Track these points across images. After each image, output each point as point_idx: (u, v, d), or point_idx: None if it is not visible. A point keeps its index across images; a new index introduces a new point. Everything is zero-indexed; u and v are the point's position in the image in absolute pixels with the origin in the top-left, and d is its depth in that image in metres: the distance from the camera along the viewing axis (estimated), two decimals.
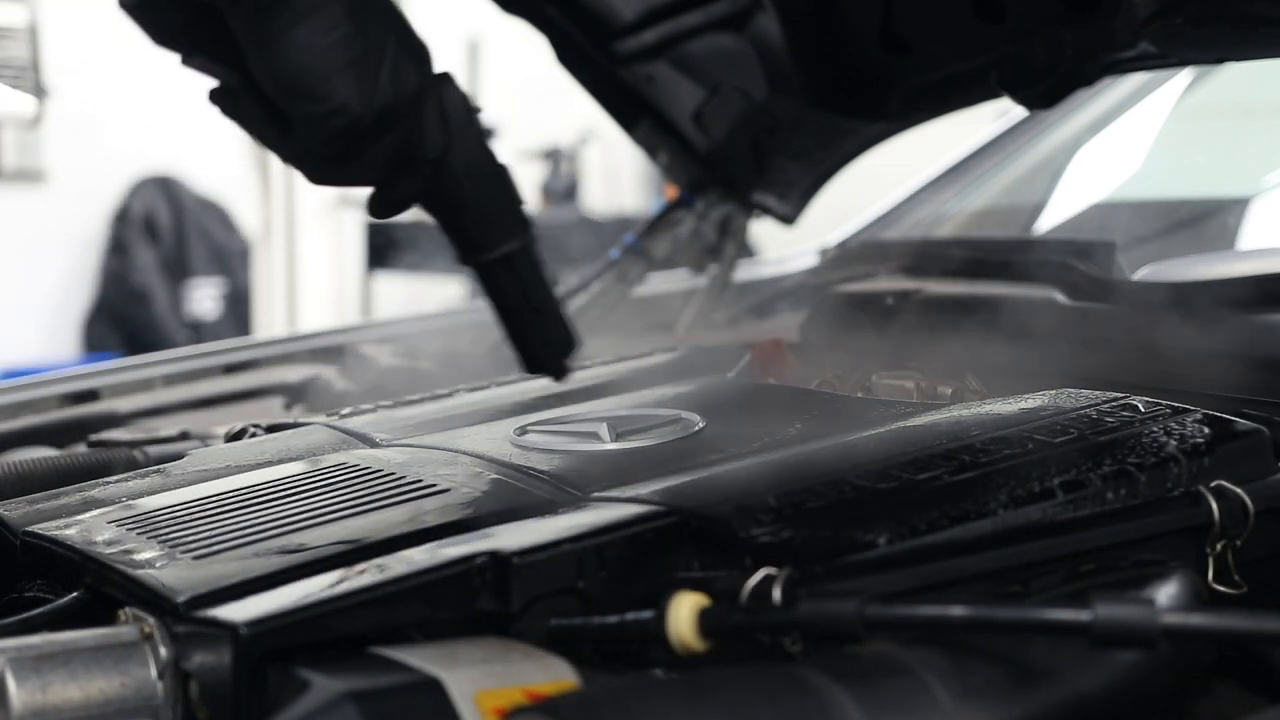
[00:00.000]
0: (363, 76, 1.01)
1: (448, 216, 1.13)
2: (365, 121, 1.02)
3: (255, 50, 1.01)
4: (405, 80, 1.03)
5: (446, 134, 1.08)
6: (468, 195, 1.11)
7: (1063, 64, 1.45)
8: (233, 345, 2.06)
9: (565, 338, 1.19)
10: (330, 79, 1.00)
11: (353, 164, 1.06)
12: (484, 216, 1.13)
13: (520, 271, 1.15)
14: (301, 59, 0.99)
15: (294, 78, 1.00)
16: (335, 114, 1.01)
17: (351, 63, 1.00)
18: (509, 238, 1.14)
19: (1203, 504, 1.01)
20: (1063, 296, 1.53)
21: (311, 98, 1.00)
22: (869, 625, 0.85)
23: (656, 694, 0.82)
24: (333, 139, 1.03)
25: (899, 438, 1.11)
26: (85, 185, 6.44)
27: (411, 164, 1.08)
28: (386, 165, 1.07)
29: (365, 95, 1.01)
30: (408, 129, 1.05)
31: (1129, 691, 0.88)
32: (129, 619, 0.91)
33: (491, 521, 1.00)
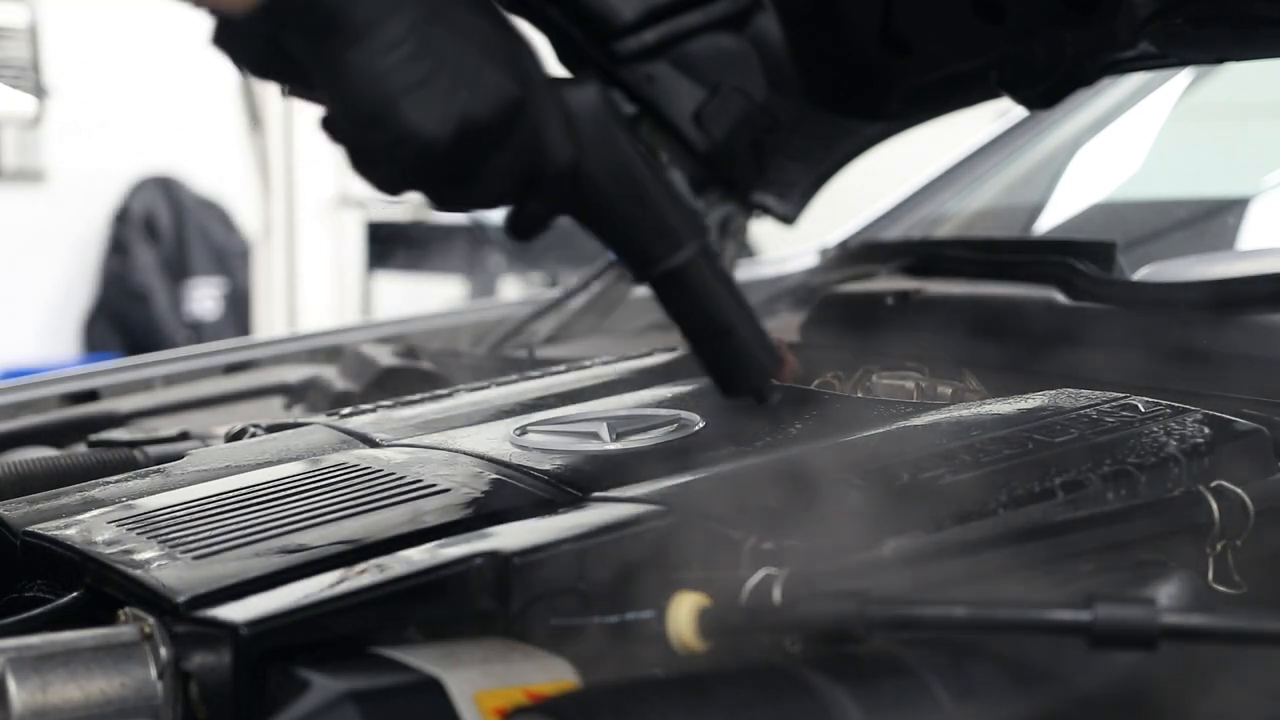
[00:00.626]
0: (430, 98, 0.92)
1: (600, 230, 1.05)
2: (441, 146, 0.93)
3: (320, 80, 0.94)
4: (495, 92, 0.94)
5: (575, 141, 0.98)
6: (618, 206, 1.02)
7: (1063, 64, 1.45)
8: (233, 345, 2.06)
9: (760, 356, 1.08)
10: (393, 104, 0.92)
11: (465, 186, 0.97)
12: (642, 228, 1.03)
13: (695, 287, 1.05)
14: (358, 85, 0.92)
15: (356, 106, 0.93)
16: (404, 141, 0.93)
17: (417, 84, 0.92)
18: (673, 250, 1.04)
19: (1203, 504, 1.01)
20: (1063, 296, 1.53)
21: (375, 124, 0.93)
22: (869, 625, 0.85)
23: (656, 694, 0.82)
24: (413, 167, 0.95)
25: (899, 438, 1.11)
26: (85, 185, 6.44)
27: (538, 180, 0.98)
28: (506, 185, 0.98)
29: (436, 118, 0.92)
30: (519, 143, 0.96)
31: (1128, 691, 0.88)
32: (129, 619, 0.91)
33: (491, 521, 1.00)
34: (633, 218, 1.03)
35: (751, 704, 0.82)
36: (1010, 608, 0.84)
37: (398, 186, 0.99)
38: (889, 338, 1.58)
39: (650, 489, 1.02)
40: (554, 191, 1.00)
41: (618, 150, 1.01)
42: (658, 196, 1.04)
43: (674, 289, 1.05)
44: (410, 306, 4.06)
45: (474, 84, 0.93)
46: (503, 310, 2.25)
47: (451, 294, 6.40)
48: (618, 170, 1.01)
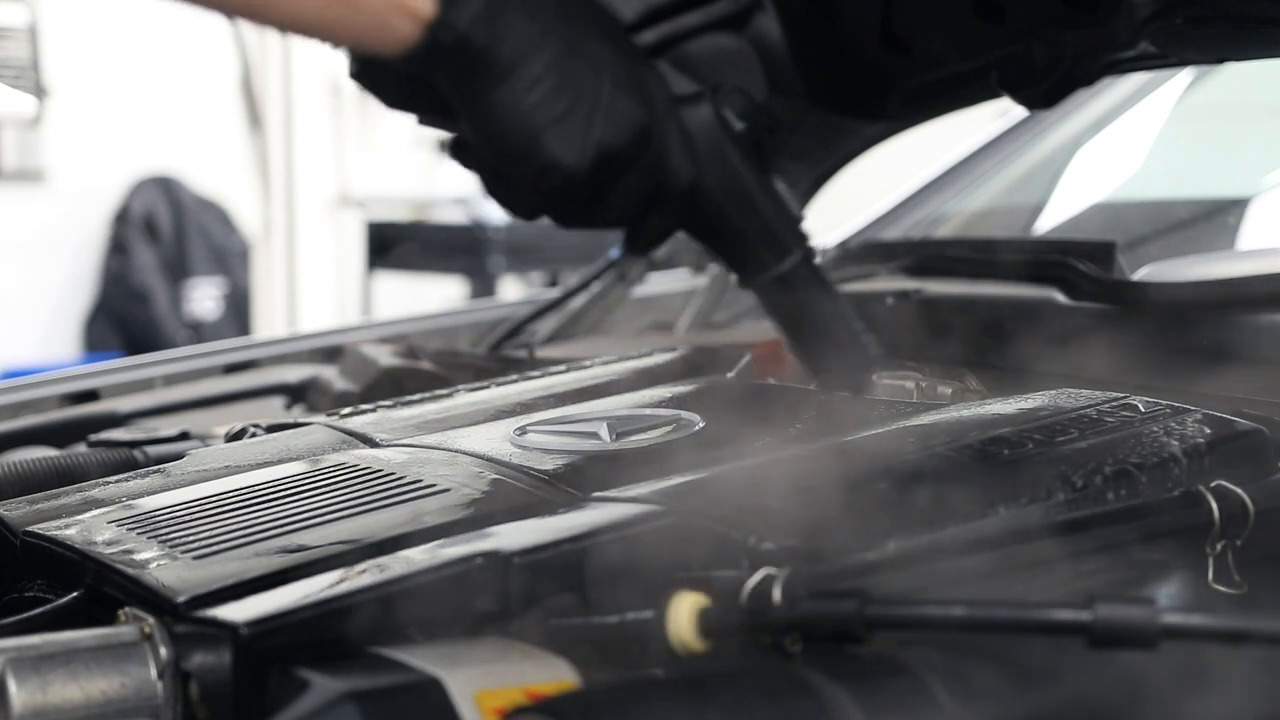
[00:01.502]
0: (570, 131, 0.97)
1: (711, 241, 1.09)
2: (582, 175, 0.98)
3: (463, 113, 0.99)
4: (626, 121, 0.99)
5: (694, 161, 1.03)
6: (730, 218, 1.06)
7: (1063, 64, 1.45)
8: (233, 345, 2.06)
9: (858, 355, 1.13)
10: (536, 137, 0.97)
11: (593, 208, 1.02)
12: (749, 239, 1.08)
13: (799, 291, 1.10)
14: (504, 120, 0.96)
15: (501, 140, 0.97)
16: (547, 172, 0.98)
17: (559, 118, 0.96)
18: (780, 258, 1.08)
19: (1203, 504, 1.01)
20: (1063, 296, 1.53)
21: (519, 158, 0.97)
22: (869, 625, 0.85)
23: (656, 694, 0.82)
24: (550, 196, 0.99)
25: (899, 438, 1.11)
26: (85, 185, 6.45)
27: (660, 198, 1.03)
28: (631, 205, 1.03)
29: (575, 149, 0.97)
30: (645, 167, 1.01)
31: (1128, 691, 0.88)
32: (129, 619, 0.91)
33: (491, 521, 1.00)
34: (743, 229, 1.07)
35: (751, 704, 0.82)
36: (1010, 608, 0.84)
37: (535, 212, 1.04)
38: (889, 338, 1.58)
39: (650, 489, 1.02)
40: (673, 208, 1.05)
41: (730, 166, 1.06)
42: (766, 208, 1.08)
43: (778, 293, 1.10)
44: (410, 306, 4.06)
45: (609, 114, 0.98)
46: (503, 310, 2.25)
47: (451, 294, 6.40)
48: (730, 185, 1.05)
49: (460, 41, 0.95)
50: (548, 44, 0.97)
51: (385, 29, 0.94)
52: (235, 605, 0.89)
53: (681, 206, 1.05)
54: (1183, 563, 1.00)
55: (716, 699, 0.82)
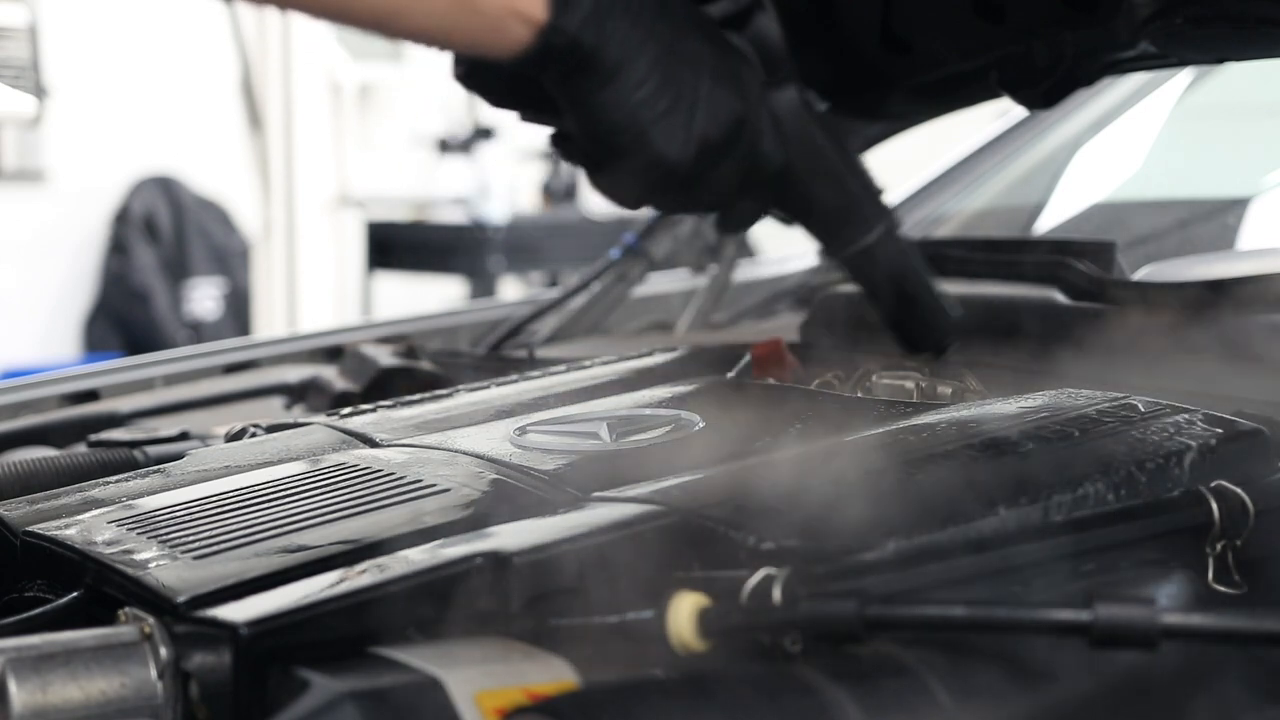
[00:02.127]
0: (674, 126, 1.02)
1: (801, 218, 1.13)
2: (685, 166, 1.03)
3: (570, 110, 1.03)
4: (725, 111, 1.04)
5: (783, 144, 1.07)
6: (817, 195, 1.10)
7: (1063, 64, 1.45)
8: (233, 345, 2.06)
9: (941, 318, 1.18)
10: (643, 134, 1.01)
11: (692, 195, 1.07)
12: (836, 214, 1.12)
13: (883, 262, 1.14)
14: (612, 118, 1.01)
15: (608, 136, 1.02)
16: (653, 166, 1.02)
17: (663, 114, 1.01)
18: (866, 231, 1.13)
19: (1203, 504, 1.01)
20: (1063, 296, 1.53)
21: (627, 153, 1.02)
22: (869, 625, 0.85)
23: (656, 694, 0.82)
24: (657, 187, 1.04)
25: (899, 438, 1.11)
26: (85, 185, 6.45)
27: (753, 182, 1.08)
28: (725, 190, 1.07)
29: (680, 142, 1.02)
30: (739, 155, 1.05)
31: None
32: (129, 619, 0.91)
33: (491, 521, 1.00)
34: (830, 205, 1.12)
35: (751, 704, 0.82)
36: (1010, 608, 0.84)
37: (638, 203, 1.11)
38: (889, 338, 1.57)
39: (650, 489, 1.02)
40: (762, 193, 1.10)
41: (816, 146, 1.10)
42: (851, 184, 1.12)
43: (865, 264, 1.14)
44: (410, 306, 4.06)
45: (709, 107, 1.03)
46: (503, 310, 2.25)
47: (451, 294, 6.40)
48: (817, 164, 1.10)
49: (571, 44, 0.99)
50: (650, 44, 1.01)
51: (501, 33, 0.99)
52: (235, 605, 0.89)
53: (772, 188, 1.09)
54: (1183, 563, 1.00)
55: (716, 699, 0.82)
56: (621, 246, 2.13)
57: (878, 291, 1.16)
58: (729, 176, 1.06)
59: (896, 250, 1.15)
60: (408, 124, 6.90)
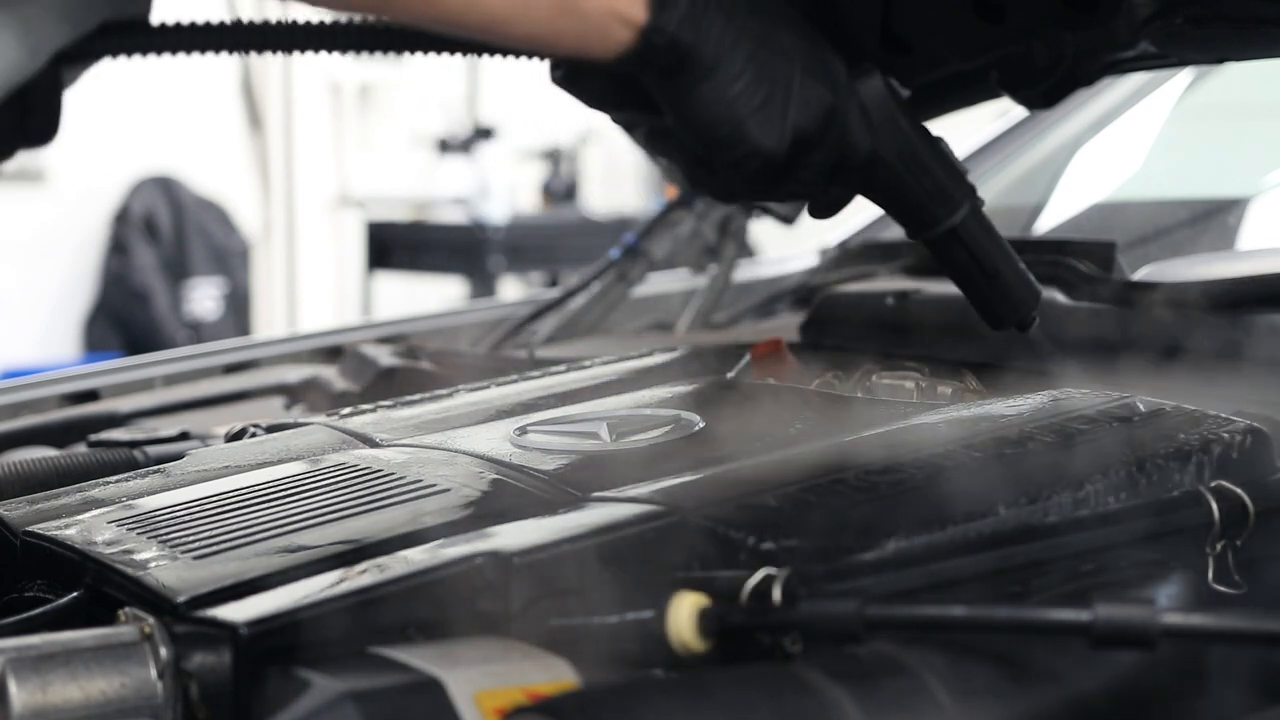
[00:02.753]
0: (770, 117, 1.05)
1: (887, 202, 1.16)
2: (780, 157, 1.06)
3: (669, 108, 1.06)
4: (817, 103, 1.07)
5: (871, 131, 1.11)
6: (903, 180, 1.13)
7: (1063, 64, 1.45)
8: (233, 345, 2.06)
9: (1024, 294, 1.19)
10: (741, 126, 1.04)
11: (785, 184, 1.10)
12: (922, 197, 1.15)
13: (968, 241, 1.16)
14: (710, 112, 1.04)
15: (706, 130, 1.05)
16: (750, 157, 1.05)
17: (759, 107, 1.04)
18: (951, 212, 1.15)
19: (1203, 504, 1.01)
20: (1063, 296, 1.53)
21: (725, 146, 1.05)
22: (869, 625, 0.85)
23: (656, 694, 0.82)
24: (753, 178, 1.08)
25: (899, 438, 1.11)
26: (85, 185, 6.45)
27: (844, 169, 1.11)
28: (820, 178, 1.11)
29: (775, 133, 1.05)
30: (830, 145, 1.09)
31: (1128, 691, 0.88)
32: (129, 619, 0.91)
33: (491, 521, 1.00)
34: (916, 189, 1.14)
35: (751, 704, 0.82)
36: (1010, 608, 0.84)
37: (734, 195, 1.15)
38: (889, 338, 1.58)
39: (650, 489, 1.02)
40: (852, 180, 1.13)
41: (902, 132, 1.13)
42: (935, 167, 1.15)
43: (951, 244, 1.17)
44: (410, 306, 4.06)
45: (802, 99, 1.07)
46: (503, 310, 2.25)
47: (451, 294, 6.40)
48: (903, 149, 1.13)
49: (670, 43, 1.02)
50: (744, 39, 1.05)
51: (604, 36, 1.02)
52: (235, 605, 0.89)
53: (861, 175, 1.13)
54: (1183, 563, 1.00)
55: (716, 699, 0.82)
56: (621, 246, 2.13)
57: (963, 269, 1.18)
58: (821, 165, 1.10)
59: (980, 228, 1.18)
60: (408, 124, 6.91)
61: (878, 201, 1.17)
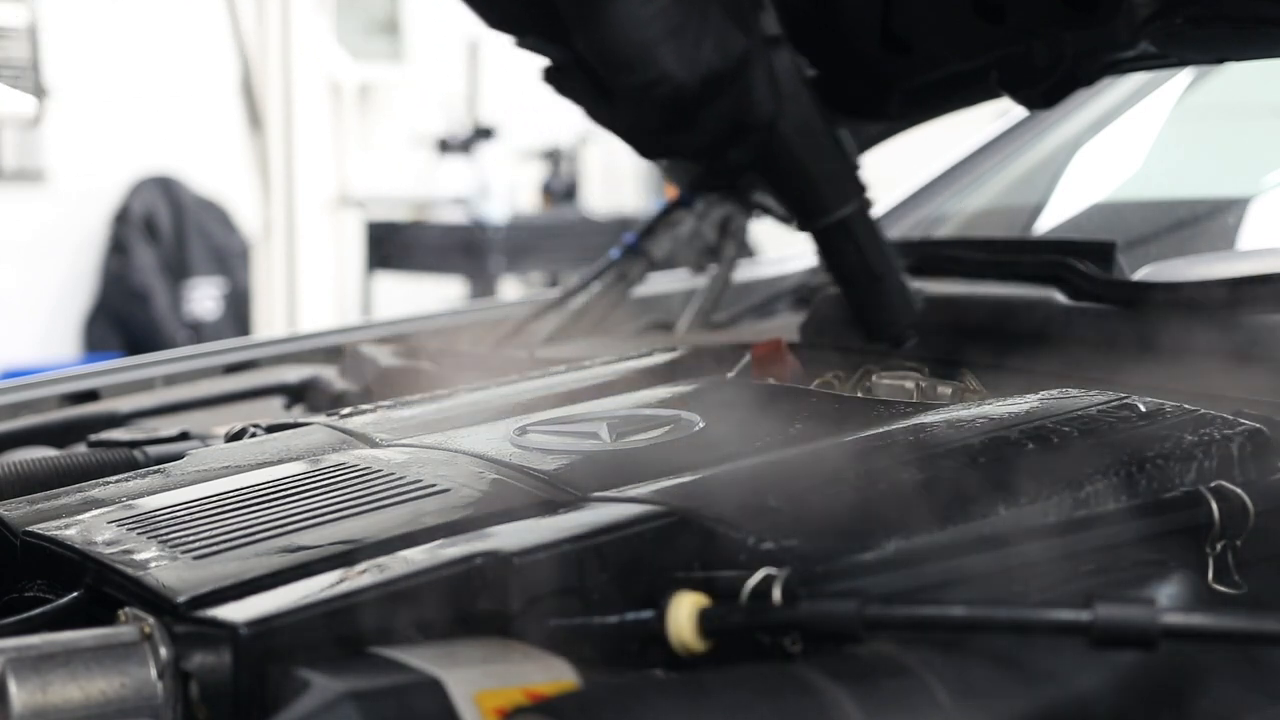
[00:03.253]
0: (684, 45, 1.01)
1: (781, 182, 1.14)
2: (690, 90, 1.02)
3: (579, 25, 1.02)
4: (730, 45, 1.03)
5: (777, 98, 1.08)
6: (800, 160, 1.11)
7: (1063, 64, 1.45)
8: (233, 345, 2.06)
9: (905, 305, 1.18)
10: (652, 49, 1.01)
11: (682, 134, 1.06)
12: (818, 181, 1.13)
13: (857, 236, 1.14)
14: (623, 31, 1.00)
15: (616, 50, 1.01)
16: (658, 83, 1.02)
17: (673, 31, 1.01)
18: (844, 202, 1.13)
19: (1203, 504, 1.01)
20: (1063, 296, 1.54)
21: (634, 69, 1.01)
22: (869, 625, 0.85)
23: (656, 694, 0.82)
24: (658, 109, 1.03)
25: (899, 438, 1.11)
26: (85, 185, 6.45)
27: (743, 131, 1.08)
28: (717, 133, 1.07)
29: (687, 63, 1.01)
30: (736, 95, 1.05)
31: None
32: (129, 619, 0.91)
33: (491, 521, 1.00)
34: (810, 172, 1.12)
35: (751, 704, 0.82)
36: (1010, 608, 0.84)
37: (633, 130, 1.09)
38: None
39: (650, 489, 1.02)
40: (751, 145, 1.10)
41: (806, 109, 1.11)
42: (831, 154, 1.13)
43: (837, 238, 1.15)
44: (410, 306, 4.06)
45: (719, 36, 1.03)
46: (503, 310, 2.25)
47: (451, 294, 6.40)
48: (804, 126, 1.11)
49: None
50: None
51: None
52: (235, 605, 0.89)
53: (759, 142, 1.10)
54: (1182, 563, 1.00)
55: (716, 699, 0.82)
56: (621, 246, 2.13)
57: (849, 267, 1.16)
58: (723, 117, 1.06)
59: (869, 229, 1.15)
60: (408, 124, 6.91)
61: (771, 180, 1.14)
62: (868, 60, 1.58)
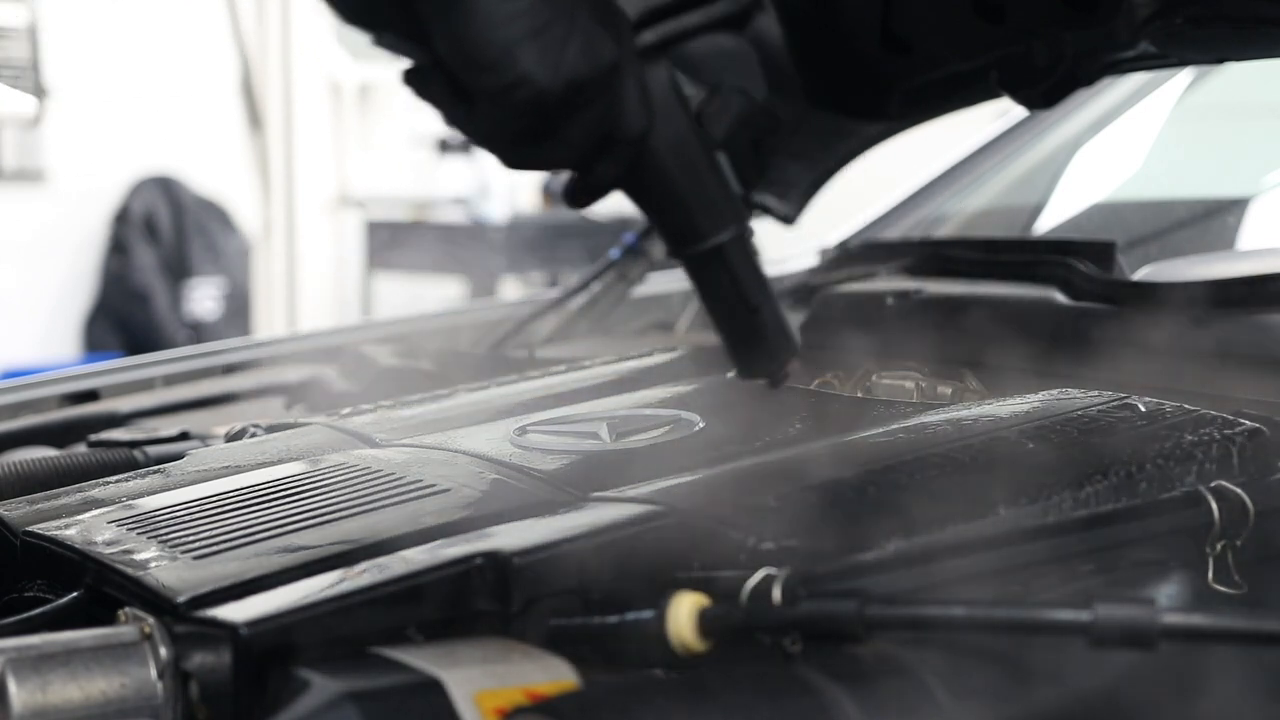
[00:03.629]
0: (548, 47, 0.95)
1: (652, 204, 1.07)
2: (552, 95, 0.96)
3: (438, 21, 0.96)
4: (598, 52, 0.98)
5: (648, 113, 1.02)
6: (674, 181, 1.05)
7: (1063, 64, 1.45)
8: (233, 345, 2.06)
9: (781, 339, 1.11)
10: (513, 49, 0.95)
11: (545, 143, 1.00)
12: (692, 205, 1.06)
13: (733, 265, 1.07)
14: (483, 29, 0.94)
15: (476, 48, 0.95)
16: (517, 86, 0.96)
17: (536, 32, 0.95)
18: (720, 228, 1.06)
19: (1203, 504, 1.01)
20: (1063, 296, 1.54)
21: (493, 70, 0.95)
22: (869, 625, 0.85)
23: (656, 694, 0.82)
24: (518, 114, 0.97)
25: (899, 438, 1.11)
26: (85, 185, 6.45)
27: (610, 145, 1.02)
28: (583, 145, 1.01)
29: (550, 66, 0.95)
30: (604, 106, 0.99)
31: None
32: (129, 619, 0.91)
33: (491, 521, 1.00)
34: (684, 194, 1.05)
35: (751, 704, 0.82)
36: (1010, 608, 0.84)
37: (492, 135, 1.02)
38: (889, 338, 1.58)
39: (650, 489, 1.02)
40: (620, 159, 1.03)
41: (680, 127, 1.05)
42: (708, 177, 1.07)
43: (710, 267, 1.08)
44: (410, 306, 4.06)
45: (585, 41, 0.97)
46: (503, 310, 2.25)
47: (451, 294, 6.40)
48: (678, 146, 1.04)
49: None
50: None
51: None
52: (235, 605, 0.89)
53: (629, 158, 1.03)
54: (1182, 563, 1.00)
55: (716, 699, 0.82)
56: (621, 246, 2.13)
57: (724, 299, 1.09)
58: (590, 128, 1.00)
59: (746, 258, 1.08)
60: (408, 124, 6.90)
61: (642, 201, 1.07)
62: (868, 60, 1.58)
